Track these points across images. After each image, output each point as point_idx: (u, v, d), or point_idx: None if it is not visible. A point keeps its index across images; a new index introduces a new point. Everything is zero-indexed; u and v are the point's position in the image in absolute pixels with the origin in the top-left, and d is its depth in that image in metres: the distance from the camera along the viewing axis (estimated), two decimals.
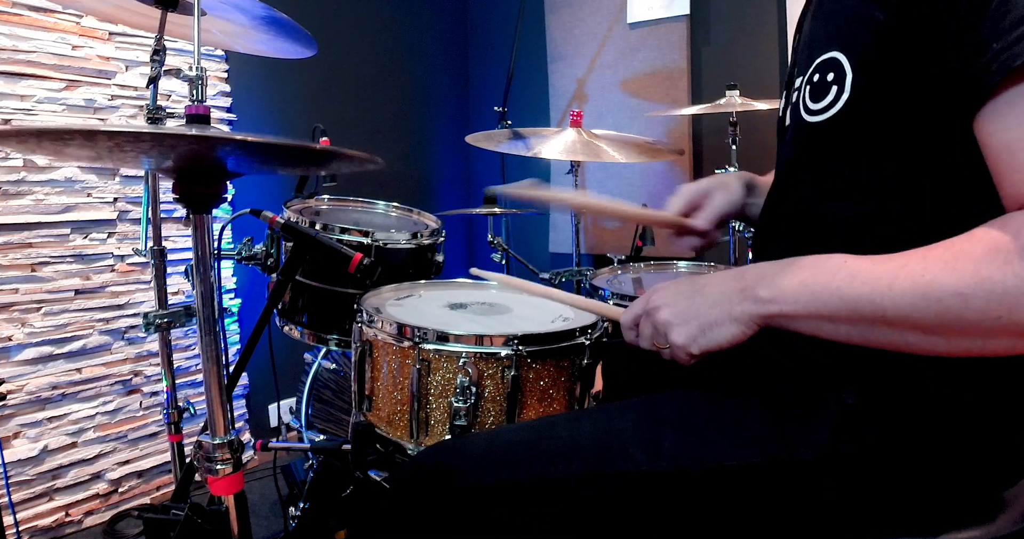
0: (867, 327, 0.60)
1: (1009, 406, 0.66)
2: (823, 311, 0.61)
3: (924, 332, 0.57)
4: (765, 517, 0.70)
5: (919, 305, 0.56)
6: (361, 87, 2.73)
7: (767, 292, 0.65)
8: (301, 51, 1.56)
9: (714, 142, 2.50)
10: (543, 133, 2.05)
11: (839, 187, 0.71)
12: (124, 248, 1.96)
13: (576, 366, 1.07)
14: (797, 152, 0.77)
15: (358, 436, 1.12)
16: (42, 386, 1.80)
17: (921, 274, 0.56)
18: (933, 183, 0.63)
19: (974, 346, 0.56)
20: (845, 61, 0.67)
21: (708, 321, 0.69)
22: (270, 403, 2.44)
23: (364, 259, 1.22)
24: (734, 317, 0.67)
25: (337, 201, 1.71)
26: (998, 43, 0.53)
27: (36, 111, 1.77)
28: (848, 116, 0.67)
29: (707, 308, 0.69)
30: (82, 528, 1.89)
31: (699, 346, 0.70)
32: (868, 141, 0.67)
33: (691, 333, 0.69)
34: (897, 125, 0.64)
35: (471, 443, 0.80)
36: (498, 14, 3.10)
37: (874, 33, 0.64)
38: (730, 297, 0.68)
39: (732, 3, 2.45)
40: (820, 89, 0.70)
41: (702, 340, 0.69)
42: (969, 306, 0.53)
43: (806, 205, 0.76)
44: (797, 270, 0.64)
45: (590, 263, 2.81)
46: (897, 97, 0.63)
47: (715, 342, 0.69)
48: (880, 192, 0.67)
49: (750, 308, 0.66)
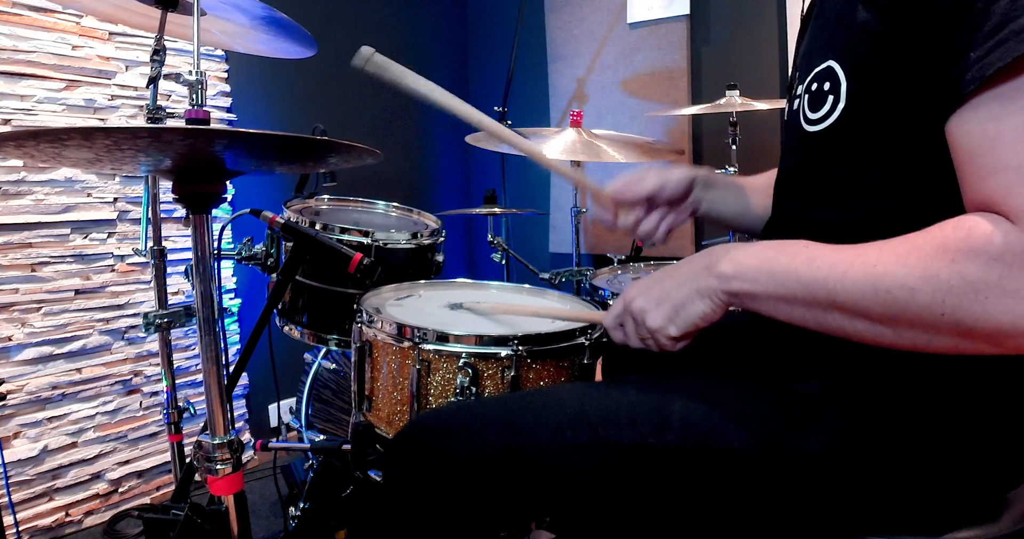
0: (820, 311, 0.62)
1: (1014, 407, 0.66)
2: (780, 291, 0.64)
3: (871, 321, 0.59)
4: (765, 504, 0.70)
5: (868, 294, 0.57)
6: (361, 87, 2.73)
7: (730, 268, 0.67)
8: (301, 51, 1.56)
9: (714, 142, 2.50)
10: (543, 133, 2.05)
11: (837, 189, 0.71)
12: (124, 248, 1.96)
13: (576, 366, 1.07)
14: (796, 160, 0.78)
15: (358, 436, 1.12)
16: (42, 386, 1.80)
17: (874, 264, 0.58)
18: (929, 180, 0.63)
19: (919, 340, 0.57)
20: (839, 70, 0.68)
21: (679, 300, 0.71)
22: (270, 403, 2.44)
23: (364, 259, 1.22)
24: (701, 293, 0.70)
25: (337, 201, 1.70)
26: (975, 52, 0.54)
27: (36, 111, 1.77)
28: (844, 123, 0.68)
29: (676, 288, 0.72)
30: (82, 528, 1.89)
31: (676, 327, 0.72)
32: (864, 143, 0.68)
33: (666, 314, 0.72)
34: (891, 126, 0.65)
35: (477, 407, 0.80)
36: (498, 14, 3.10)
37: (867, 41, 0.65)
38: (697, 274, 0.70)
39: (732, 3, 2.45)
40: (817, 99, 0.71)
41: (677, 321, 0.71)
42: (915, 300, 0.55)
43: (805, 210, 0.76)
44: (761, 250, 0.67)
45: (590, 263, 2.81)
46: (890, 100, 0.64)
47: (690, 321, 0.71)
48: (877, 190, 0.67)
49: (714, 283, 0.68)
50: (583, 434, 0.71)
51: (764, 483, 0.69)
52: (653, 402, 0.73)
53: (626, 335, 0.78)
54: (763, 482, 0.69)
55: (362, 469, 1.18)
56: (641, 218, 0.97)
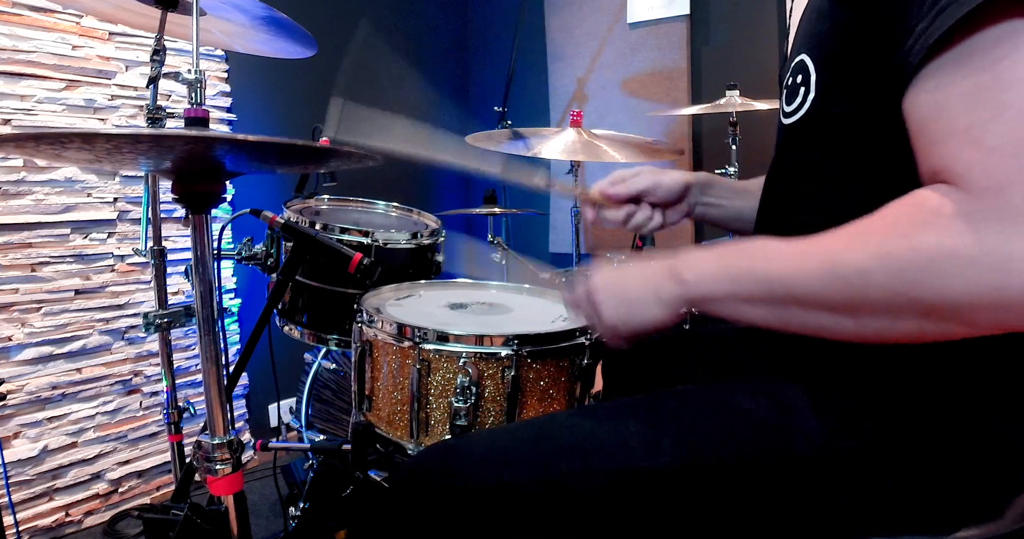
0: (781, 308, 0.60)
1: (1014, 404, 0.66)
2: (740, 293, 0.63)
3: (831, 311, 0.57)
4: (765, 514, 0.70)
5: (826, 281, 0.56)
6: (361, 87, 2.73)
7: (691, 274, 0.66)
8: (301, 51, 1.56)
9: (714, 142, 2.50)
10: (543, 133, 2.05)
11: (813, 180, 0.72)
12: (124, 248, 1.96)
13: (576, 366, 1.07)
14: (777, 153, 0.79)
15: (358, 436, 1.12)
16: (42, 386, 1.80)
17: (827, 252, 0.57)
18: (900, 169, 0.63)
19: (881, 327, 0.55)
20: (810, 63, 0.68)
21: (634, 298, 0.70)
22: (270, 403, 2.44)
23: (364, 259, 1.22)
24: (660, 298, 0.69)
25: (337, 201, 1.70)
26: (921, 24, 0.53)
27: (36, 111, 1.77)
28: (814, 115, 0.69)
29: (635, 284, 0.71)
30: (82, 528, 1.89)
31: (626, 328, 0.71)
32: (833, 134, 0.68)
33: (620, 314, 0.71)
34: (858, 116, 0.65)
35: (471, 443, 0.80)
36: (498, 14, 3.10)
37: (833, 32, 0.65)
38: (660, 276, 0.69)
39: (732, 3, 2.45)
40: (792, 92, 0.71)
41: (630, 322, 0.71)
42: (871, 283, 0.53)
43: (786, 203, 0.77)
44: (722, 253, 0.66)
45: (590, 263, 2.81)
46: (855, 91, 0.64)
47: (640, 325, 0.70)
48: (850, 180, 0.67)
49: (675, 289, 0.67)
50: (576, 464, 0.71)
51: (763, 492, 0.69)
52: (644, 424, 0.73)
53: (581, 313, 0.78)
54: (762, 491, 0.69)
55: (362, 469, 1.18)
56: (632, 213, 0.98)
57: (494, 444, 0.78)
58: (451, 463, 0.77)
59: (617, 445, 0.71)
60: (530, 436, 0.76)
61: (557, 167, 2.87)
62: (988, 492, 0.69)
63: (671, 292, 0.68)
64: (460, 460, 0.76)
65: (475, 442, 0.80)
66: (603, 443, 0.72)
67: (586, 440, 0.73)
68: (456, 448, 0.80)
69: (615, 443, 0.71)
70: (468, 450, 0.78)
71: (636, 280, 0.71)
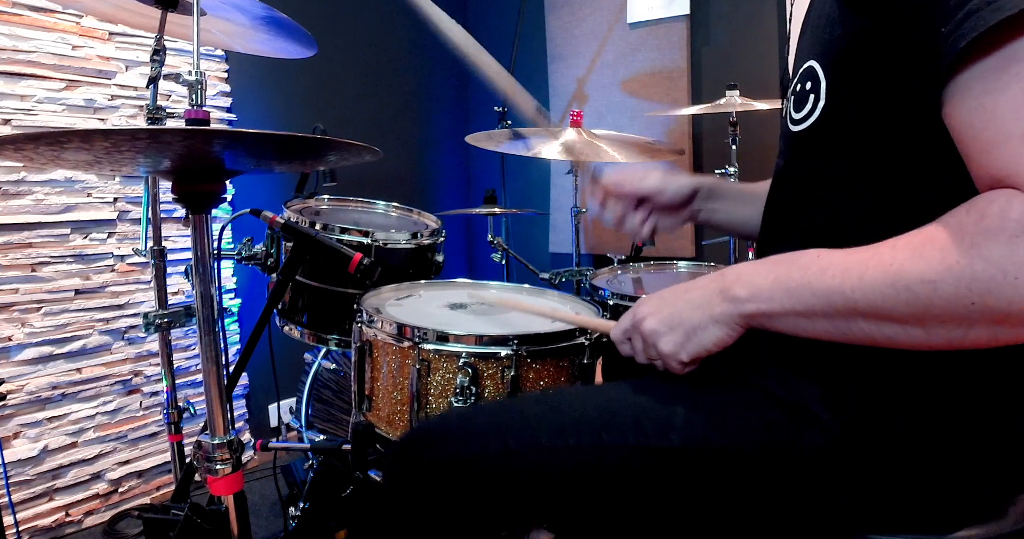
0: (843, 321, 0.59)
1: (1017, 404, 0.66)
2: (798, 307, 0.62)
3: (899, 323, 0.56)
4: (770, 503, 0.70)
5: (889, 295, 0.55)
6: (361, 87, 2.73)
7: (744, 291, 0.65)
8: (301, 51, 1.56)
9: (714, 142, 2.49)
10: (543, 133, 2.05)
11: (823, 187, 0.71)
12: (124, 248, 1.96)
13: (576, 366, 1.07)
14: (785, 160, 0.79)
15: (358, 436, 1.12)
16: (42, 386, 1.80)
17: (890, 263, 0.55)
18: (915, 174, 0.63)
19: (954, 336, 0.55)
20: (819, 69, 0.68)
21: (692, 326, 0.69)
22: (270, 403, 2.44)
23: (364, 259, 1.22)
24: (716, 319, 0.68)
25: (337, 201, 1.70)
26: (946, 27, 0.53)
27: (36, 111, 1.77)
28: (825, 122, 0.68)
29: (689, 312, 0.70)
30: (82, 528, 1.89)
31: (687, 353, 0.70)
32: (845, 140, 0.67)
33: (677, 340, 0.70)
34: (871, 122, 0.64)
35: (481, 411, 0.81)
36: (498, 14, 3.09)
37: (845, 39, 0.64)
38: (710, 299, 0.68)
39: (732, 3, 2.45)
40: (801, 99, 0.71)
41: (689, 346, 0.70)
42: (938, 293, 0.52)
43: (795, 209, 0.76)
44: (772, 267, 0.65)
45: (590, 263, 2.81)
46: (869, 97, 0.64)
47: (702, 347, 0.69)
48: (863, 186, 0.67)
49: (729, 309, 0.67)
50: (586, 438, 0.71)
51: (769, 482, 0.69)
52: (656, 403, 0.72)
53: (633, 351, 0.77)
54: (768, 481, 0.69)
55: (362, 469, 1.18)
56: (627, 213, 0.97)
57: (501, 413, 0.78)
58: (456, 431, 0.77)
59: (629, 422, 0.71)
60: (539, 410, 0.76)
61: (557, 167, 2.87)
62: (990, 491, 0.69)
63: (725, 312, 0.67)
64: (466, 427, 0.77)
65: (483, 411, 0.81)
66: (615, 419, 0.72)
67: (595, 416, 0.73)
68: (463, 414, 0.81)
69: (627, 420, 0.71)
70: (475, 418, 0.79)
71: (686, 307, 0.70)
